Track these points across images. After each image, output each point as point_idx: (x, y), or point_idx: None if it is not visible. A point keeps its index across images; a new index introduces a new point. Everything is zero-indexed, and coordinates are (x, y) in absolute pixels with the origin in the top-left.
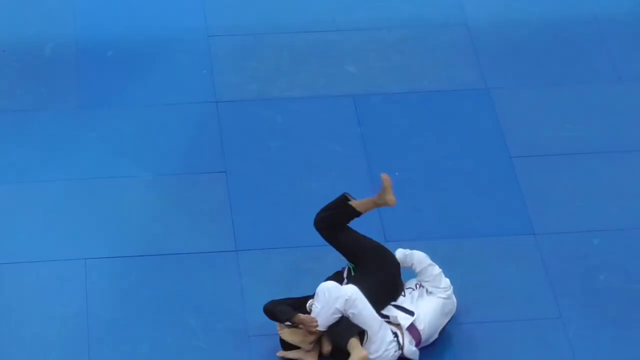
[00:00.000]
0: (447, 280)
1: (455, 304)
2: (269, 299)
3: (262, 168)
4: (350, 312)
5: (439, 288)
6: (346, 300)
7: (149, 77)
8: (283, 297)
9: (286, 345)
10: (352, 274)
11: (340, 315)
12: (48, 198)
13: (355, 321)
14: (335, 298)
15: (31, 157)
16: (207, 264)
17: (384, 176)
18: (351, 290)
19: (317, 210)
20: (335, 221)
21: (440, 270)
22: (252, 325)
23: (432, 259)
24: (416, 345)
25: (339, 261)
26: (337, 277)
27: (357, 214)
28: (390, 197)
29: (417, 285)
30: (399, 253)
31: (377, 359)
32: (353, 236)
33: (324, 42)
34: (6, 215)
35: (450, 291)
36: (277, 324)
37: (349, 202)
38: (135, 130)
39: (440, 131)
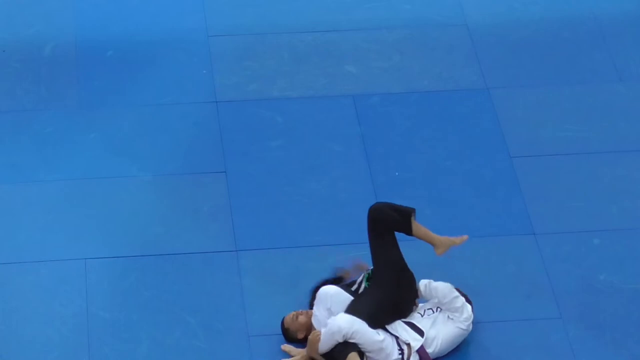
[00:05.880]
0: (469, 308)
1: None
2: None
3: (262, 168)
4: (351, 341)
5: (460, 318)
6: (344, 335)
7: (149, 77)
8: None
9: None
10: (366, 285)
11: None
12: (48, 198)
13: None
14: (332, 334)
15: (31, 157)
16: (207, 264)
17: (460, 239)
18: (345, 324)
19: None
20: (389, 222)
21: (464, 300)
22: (252, 325)
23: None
24: None
25: (339, 262)
26: (345, 286)
27: (408, 233)
28: (441, 252)
29: (437, 309)
30: (422, 285)
31: None
32: (392, 243)
33: (324, 42)
34: (6, 215)
35: (470, 321)
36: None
37: (412, 219)
38: (135, 130)
39: (440, 131)
